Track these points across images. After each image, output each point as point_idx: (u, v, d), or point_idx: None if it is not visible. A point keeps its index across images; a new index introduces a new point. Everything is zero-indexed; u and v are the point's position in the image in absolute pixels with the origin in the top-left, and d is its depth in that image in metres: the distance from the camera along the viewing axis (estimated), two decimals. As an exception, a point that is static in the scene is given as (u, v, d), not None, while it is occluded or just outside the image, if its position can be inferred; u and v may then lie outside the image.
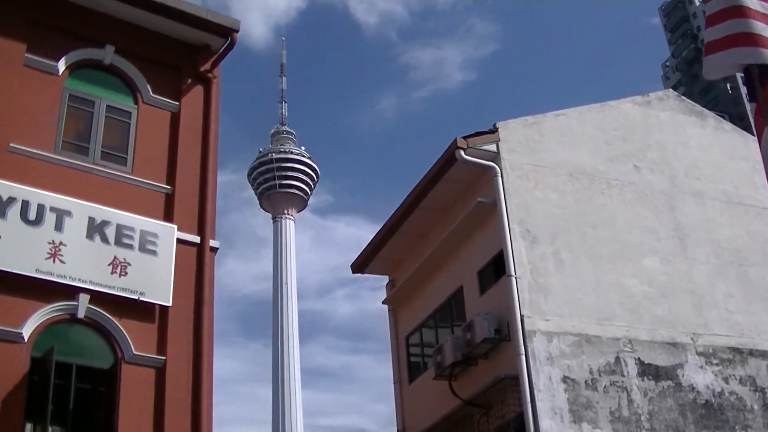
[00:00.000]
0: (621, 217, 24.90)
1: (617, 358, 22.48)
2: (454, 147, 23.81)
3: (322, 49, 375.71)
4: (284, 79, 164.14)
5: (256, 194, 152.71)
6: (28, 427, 14.95)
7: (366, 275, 30.49)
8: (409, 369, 28.06)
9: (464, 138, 23.83)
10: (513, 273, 22.43)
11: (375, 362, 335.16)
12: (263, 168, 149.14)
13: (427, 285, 27.05)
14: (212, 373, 16.90)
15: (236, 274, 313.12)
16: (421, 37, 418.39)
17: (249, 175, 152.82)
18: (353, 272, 30.04)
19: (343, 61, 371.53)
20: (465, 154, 23.69)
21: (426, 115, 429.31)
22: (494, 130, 24.44)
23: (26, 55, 17.56)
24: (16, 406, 14.84)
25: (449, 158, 24.26)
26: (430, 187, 25.59)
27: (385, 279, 30.23)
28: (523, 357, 21.43)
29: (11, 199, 15.97)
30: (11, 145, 16.59)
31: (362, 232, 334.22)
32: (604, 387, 21.91)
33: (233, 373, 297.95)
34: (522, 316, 21.88)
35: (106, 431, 15.32)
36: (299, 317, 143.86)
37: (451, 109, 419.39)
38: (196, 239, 17.66)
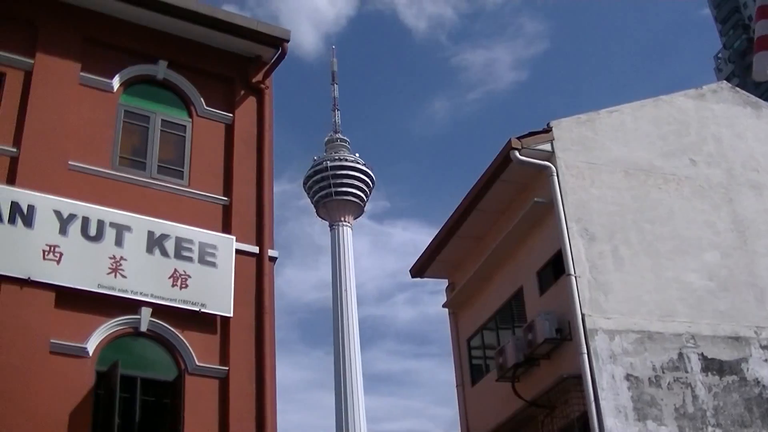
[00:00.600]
0: (679, 212, 24.54)
1: (680, 354, 22.16)
2: (508, 148, 23.62)
3: (372, 55, 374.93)
4: (336, 86, 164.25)
5: (312, 202, 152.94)
6: (96, 440, 15.09)
7: (425, 279, 30.39)
8: (472, 372, 27.88)
9: (518, 138, 23.63)
10: (572, 272, 22.19)
11: (437, 366, 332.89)
12: (318, 176, 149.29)
13: (487, 287, 26.88)
14: (275, 381, 16.89)
15: (296, 282, 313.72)
16: (471, 39, 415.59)
17: (304, 183, 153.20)
18: (412, 276, 29.90)
19: (394, 66, 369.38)
20: (520, 154, 23.50)
21: (479, 117, 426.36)
22: (548, 130, 24.23)
23: (81, 73, 17.73)
24: (82, 420, 14.95)
25: (504, 159, 24.08)
26: (486, 189, 25.40)
27: (445, 282, 30.08)
28: (585, 356, 21.18)
29: (72, 216, 16.14)
30: (70, 163, 16.77)
31: (419, 236, 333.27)
32: (668, 384, 21.61)
33: (296, 381, 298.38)
34: (583, 315, 21.63)
35: (173, 442, 15.39)
36: (360, 323, 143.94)
37: (504, 109, 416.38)
38: (255, 249, 17.68)
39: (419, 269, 29.53)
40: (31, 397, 14.62)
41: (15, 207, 15.76)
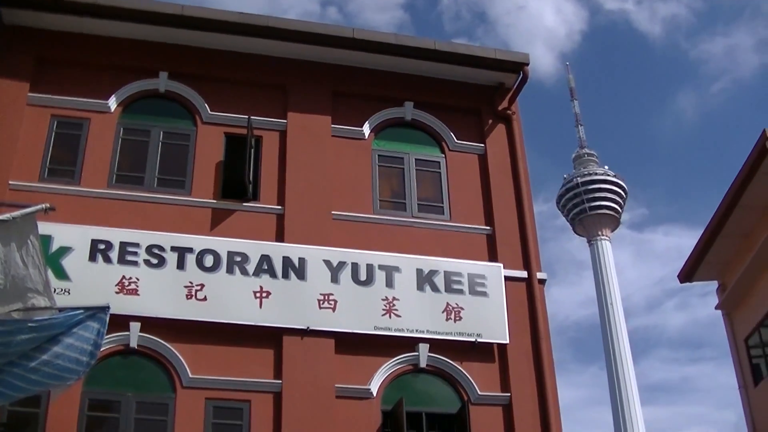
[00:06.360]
0: None
1: None
2: (764, 139, 21.95)
3: (609, 65, 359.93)
4: (576, 102, 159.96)
5: (567, 220, 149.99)
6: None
7: (694, 283, 28.69)
8: (753, 372, 26.02)
9: (773, 128, 21.83)
10: None
11: (715, 369, 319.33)
12: (571, 194, 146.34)
13: (760, 283, 25.01)
14: (558, 403, 16.13)
15: (562, 302, 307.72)
16: (707, 29, 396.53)
17: (558, 202, 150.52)
18: (681, 282, 28.26)
19: (631, 72, 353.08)
20: (776, 144, 21.72)
21: (728, 107, 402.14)
22: (804, 114, 22.37)
23: (332, 126, 17.72)
24: None
25: (761, 151, 22.35)
26: (746, 184, 23.65)
27: (714, 284, 28.32)
28: None
29: (341, 264, 16.04)
30: (333, 213, 16.71)
31: (682, 240, 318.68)
32: None
33: (573, 400, 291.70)
34: None
35: (463, 472, 14.88)
36: (630, 335, 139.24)
37: (754, 94, 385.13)
38: (524, 274, 17.00)
39: (687, 274, 27.87)
40: (323, 441, 14.58)
41: (287, 262, 15.83)
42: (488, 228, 17.42)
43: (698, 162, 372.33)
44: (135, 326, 14.75)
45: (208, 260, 15.52)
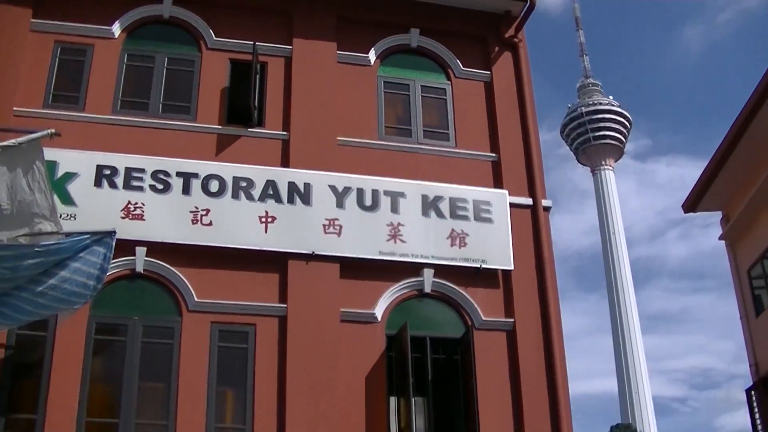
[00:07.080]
0: None
1: None
2: (772, 71, 21.73)
3: None
4: (581, 32, 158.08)
5: (571, 150, 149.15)
6: (392, 400, 14.99)
7: (697, 213, 28.61)
8: (755, 302, 26.08)
9: (782, 58, 21.63)
10: None
11: (716, 299, 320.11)
12: (575, 123, 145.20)
13: (764, 214, 24.96)
14: (562, 329, 16.22)
15: (565, 230, 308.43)
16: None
17: (562, 132, 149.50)
18: (685, 212, 28.18)
19: (637, 2, 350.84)
20: (784, 74, 21.54)
21: (734, 38, 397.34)
22: (812, 44, 22.14)
23: (338, 52, 17.57)
24: (378, 382, 14.95)
25: (768, 83, 22.16)
26: (753, 116, 23.49)
27: (717, 215, 28.27)
28: None
29: (347, 189, 16.03)
30: (338, 138, 16.65)
31: (685, 170, 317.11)
32: None
33: (574, 328, 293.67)
34: None
35: (466, 397, 14.99)
36: (632, 264, 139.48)
37: (761, 25, 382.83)
38: (528, 201, 16.97)
39: (692, 204, 27.80)
40: (329, 365, 14.72)
41: (292, 187, 15.82)
42: (494, 155, 17.34)
43: (704, 93, 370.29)
44: (141, 251, 14.80)
45: (214, 185, 15.51)
